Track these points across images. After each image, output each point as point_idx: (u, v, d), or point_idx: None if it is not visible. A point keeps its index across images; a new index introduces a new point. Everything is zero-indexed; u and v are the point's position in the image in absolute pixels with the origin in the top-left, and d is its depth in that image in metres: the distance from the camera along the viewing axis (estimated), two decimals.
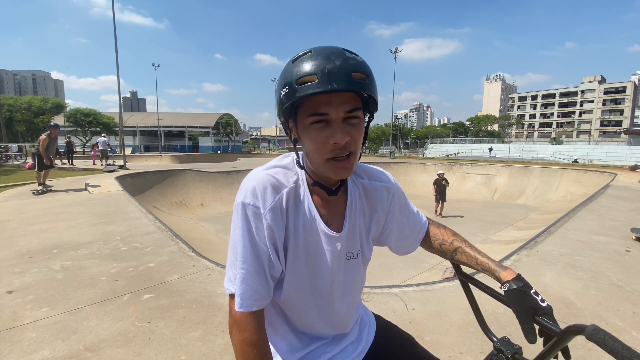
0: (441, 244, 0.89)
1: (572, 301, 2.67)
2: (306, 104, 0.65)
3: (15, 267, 3.22)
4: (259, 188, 0.70)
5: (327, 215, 0.77)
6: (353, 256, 0.81)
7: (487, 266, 0.77)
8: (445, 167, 16.49)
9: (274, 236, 0.70)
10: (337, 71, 0.61)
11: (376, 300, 2.67)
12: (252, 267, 0.69)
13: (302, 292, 0.77)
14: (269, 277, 0.72)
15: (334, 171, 0.67)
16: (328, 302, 0.80)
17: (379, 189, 0.84)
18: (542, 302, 0.67)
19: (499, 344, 0.76)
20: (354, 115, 0.65)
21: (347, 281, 0.82)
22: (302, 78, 0.62)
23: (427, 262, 5.57)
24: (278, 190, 0.71)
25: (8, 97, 40.63)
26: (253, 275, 0.69)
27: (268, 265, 0.71)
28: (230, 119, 51.05)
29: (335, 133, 0.64)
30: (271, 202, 0.69)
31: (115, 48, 17.98)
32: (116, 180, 8.50)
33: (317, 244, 0.75)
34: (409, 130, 78.33)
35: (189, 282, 2.95)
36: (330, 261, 0.76)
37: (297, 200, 0.74)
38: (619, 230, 4.80)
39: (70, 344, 2.02)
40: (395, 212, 0.87)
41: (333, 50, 0.64)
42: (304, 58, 0.64)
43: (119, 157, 17.96)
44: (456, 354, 2.01)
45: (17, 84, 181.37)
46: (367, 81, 0.64)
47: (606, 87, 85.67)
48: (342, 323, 0.85)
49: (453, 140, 53.76)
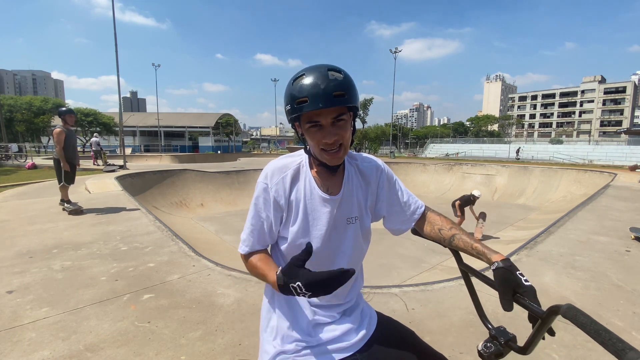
0: (440, 229, 1.00)
1: (572, 301, 2.66)
2: (304, 115, 0.87)
3: (15, 267, 3.22)
4: (269, 170, 0.96)
5: (326, 184, 0.97)
6: (352, 221, 0.98)
7: (480, 250, 0.87)
8: (445, 167, 16.49)
9: (277, 204, 0.94)
10: (322, 93, 0.83)
11: (376, 300, 2.67)
12: (255, 227, 0.96)
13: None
14: (267, 237, 0.97)
15: (329, 160, 0.90)
16: (326, 259, 0.96)
17: (369, 167, 1.04)
18: (526, 282, 0.74)
19: (495, 332, 0.80)
20: (339, 119, 0.87)
21: (345, 242, 0.98)
22: (299, 99, 0.85)
23: (427, 262, 5.57)
24: (283, 171, 0.95)
25: (8, 97, 40.62)
26: (256, 229, 0.96)
27: (267, 226, 0.96)
28: (230, 119, 51.04)
29: (327, 135, 0.87)
30: (277, 179, 0.94)
31: (115, 48, 17.98)
32: (116, 180, 8.49)
33: (316, 207, 0.95)
34: (409, 130, 78.29)
35: (189, 282, 2.95)
36: (327, 221, 0.95)
37: (299, 176, 0.96)
38: (619, 230, 4.80)
39: (70, 344, 2.02)
40: (384, 185, 1.04)
41: (319, 75, 0.85)
42: (298, 82, 0.86)
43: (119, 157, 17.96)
44: (456, 354, 2.01)
45: (17, 84, 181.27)
46: (345, 96, 0.84)
47: (606, 87, 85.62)
48: (341, 289, 0.89)
49: (453, 140, 53.71)
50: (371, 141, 50.11)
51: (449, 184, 15.51)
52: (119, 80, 18.11)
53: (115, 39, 17.77)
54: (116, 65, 17.92)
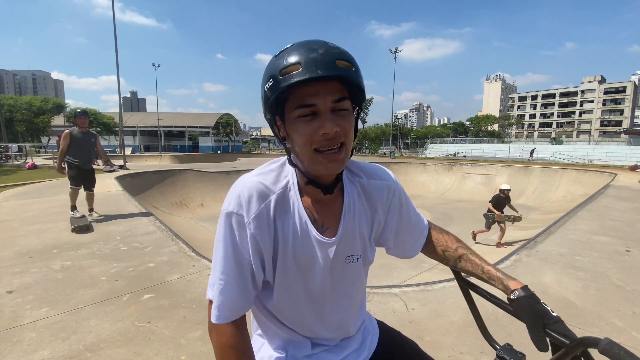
0: (444, 250, 0.86)
1: (572, 301, 2.66)
2: (292, 97, 0.63)
3: (15, 267, 3.22)
4: (243, 195, 0.67)
5: (321, 219, 0.74)
6: (353, 260, 0.78)
7: (494, 275, 0.75)
8: (445, 167, 16.49)
9: (258, 246, 0.68)
10: (321, 58, 0.60)
11: (376, 300, 2.67)
12: (231, 278, 0.68)
13: (295, 298, 0.75)
14: (251, 287, 0.70)
15: (325, 165, 0.65)
16: (325, 307, 0.78)
17: (379, 187, 0.80)
18: (552, 312, 0.66)
19: (502, 351, 0.75)
20: (341, 106, 0.63)
21: (345, 285, 0.79)
22: (286, 68, 0.60)
23: (427, 262, 5.57)
24: (265, 197, 0.68)
25: (8, 97, 40.68)
26: (232, 286, 0.68)
27: (250, 275, 0.69)
28: (230, 119, 51.06)
29: (325, 123, 0.62)
30: (256, 210, 0.67)
31: (115, 48, 18.00)
32: (116, 180, 8.49)
33: (309, 251, 0.72)
34: (409, 130, 78.40)
35: (189, 282, 2.95)
36: (324, 268, 0.74)
37: (286, 206, 0.71)
38: (619, 230, 4.80)
39: (70, 344, 2.02)
40: (395, 211, 0.83)
41: (315, 41, 0.64)
42: (286, 51, 0.63)
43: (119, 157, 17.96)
44: (456, 354, 2.01)
45: (17, 84, 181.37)
46: (352, 68, 0.63)
47: (606, 87, 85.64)
48: (344, 326, 0.83)
49: (453, 140, 53.74)
50: (371, 141, 50.17)
51: (449, 184, 15.52)
52: (119, 80, 18.13)
53: (115, 39, 17.78)
54: (116, 65, 17.94)
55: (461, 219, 9.98)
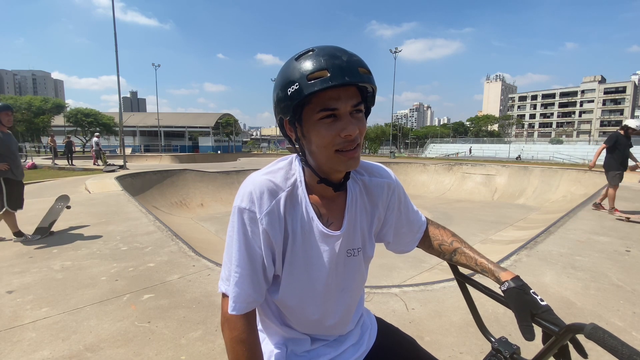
0: (440, 244, 0.89)
1: (572, 301, 2.66)
2: (314, 101, 0.66)
3: (15, 267, 3.22)
4: (255, 193, 0.71)
5: (326, 214, 0.78)
6: (354, 253, 0.81)
7: (487, 267, 0.78)
8: (445, 167, 16.49)
9: (270, 240, 0.72)
10: (347, 66, 0.64)
11: (376, 300, 2.67)
12: (245, 271, 0.71)
13: (299, 291, 0.78)
14: (262, 281, 0.74)
15: (345, 162, 0.69)
16: (326, 301, 0.81)
17: (379, 185, 0.85)
18: (541, 302, 0.68)
19: (497, 344, 0.76)
20: (359, 109, 0.69)
21: (347, 278, 0.82)
22: (314, 74, 0.63)
23: (427, 262, 5.56)
24: (275, 195, 0.72)
25: (8, 97, 40.75)
26: (246, 279, 0.72)
27: (262, 269, 0.73)
28: (230, 119, 51.04)
29: (347, 126, 0.66)
30: (267, 206, 0.71)
31: (115, 48, 17.99)
32: (116, 180, 8.49)
33: (315, 244, 0.76)
34: (409, 130, 78.34)
35: (189, 282, 2.95)
36: (329, 260, 0.77)
37: (294, 202, 0.75)
38: (619, 230, 4.80)
39: (70, 344, 2.02)
40: (394, 208, 0.87)
41: (336, 48, 0.67)
42: (309, 56, 0.66)
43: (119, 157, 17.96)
44: (456, 354, 2.01)
45: (17, 84, 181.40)
46: (370, 75, 0.68)
47: (606, 87, 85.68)
48: (342, 322, 0.85)
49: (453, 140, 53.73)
50: (371, 141, 50.11)
51: (449, 184, 15.51)
52: (119, 80, 18.12)
53: (115, 39, 17.77)
54: (116, 65, 17.93)
55: (461, 219, 9.98)
